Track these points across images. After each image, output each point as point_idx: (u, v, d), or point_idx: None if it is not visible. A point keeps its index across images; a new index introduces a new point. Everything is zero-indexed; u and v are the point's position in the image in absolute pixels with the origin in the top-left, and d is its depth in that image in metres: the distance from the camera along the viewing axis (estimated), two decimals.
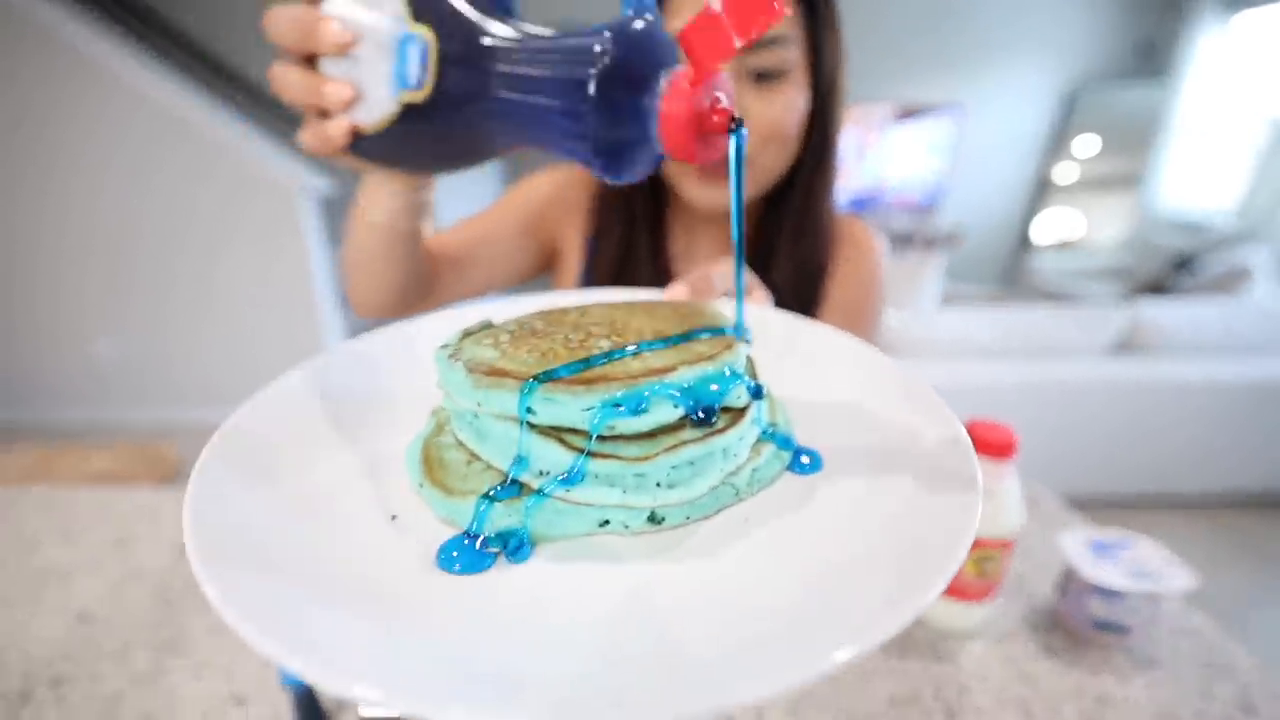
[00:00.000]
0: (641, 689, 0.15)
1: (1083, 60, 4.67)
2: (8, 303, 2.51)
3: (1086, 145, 4.65)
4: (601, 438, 0.21)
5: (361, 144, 0.30)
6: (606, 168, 0.24)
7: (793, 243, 0.59)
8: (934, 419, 0.24)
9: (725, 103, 0.23)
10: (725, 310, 0.31)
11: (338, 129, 0.30)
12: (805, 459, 0.25)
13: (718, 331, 0.26)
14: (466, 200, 4.04)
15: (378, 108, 0.28)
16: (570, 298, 0.34)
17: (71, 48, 2.19)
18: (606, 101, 0.22)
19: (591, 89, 0.22)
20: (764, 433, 0.25)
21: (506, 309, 0.32)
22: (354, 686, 0.13)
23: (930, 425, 0.23)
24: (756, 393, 0.25)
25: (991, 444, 0.43)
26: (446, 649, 0.16)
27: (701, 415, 0.22)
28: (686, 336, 0.25)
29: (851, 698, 0.42)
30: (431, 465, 0.23)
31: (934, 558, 0.17)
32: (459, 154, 0.30)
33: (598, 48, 0.22)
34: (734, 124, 0.23)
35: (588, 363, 0.22)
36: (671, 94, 0.23)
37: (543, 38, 0.25)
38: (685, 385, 0.22)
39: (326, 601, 0.17)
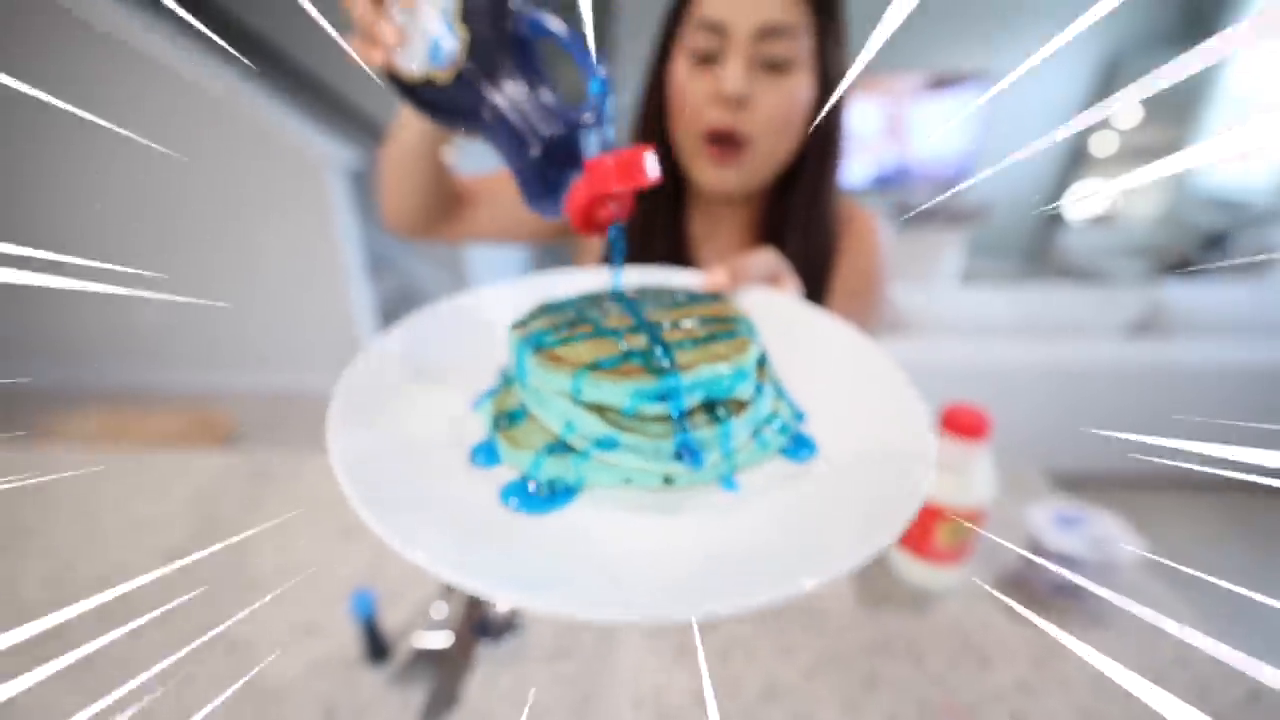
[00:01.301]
0: (683, 590, 0.22)
1: (1128, 25, 4.48)
2: (59, 269, 2.62)
3: (1128, 116, 4.49)
4: (632, 416, 0.28)
5: (395, 82, 0.36)
6: (530, 200, 0.32)
7: (802, 230, 0.64)
8: (907, 409, 0.30)
9: (615, 210, 0.33)
10: (755, 302, 0.38)
11: (377, 59, 0.35)
12: (804, 451, 0.30)
13: (731, 336, 0.31)
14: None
15: (413, 63, 0.34)
16: (623, 278, 0.39)
17: (116, 39, 2.26)
18: (539, 164, 0.31)
19: (533, 152, 0.31)
20: (767, 418, 0.30)
21: (566, 285, 0.40)
22: (477, 584, 0.20)
23: (903, 414, 0.30)
24: (760, 390, 0.30)
25: (966, 425, 0.49)
26: (521, 561, 0.23)
27: (711, 406, 0.29)
28: (710, 338, 0.31)
29: (833, 643, 0.49)
30: (501, 420, 0.30)
31: (889, 516, 0.23)
32: (461, 129, 0.36)
33: (546, 132, 0.31)
34: (615, 225, 0.33)
35: (627, 357, 0.28)
36: (579, 184, 0.31)
37: (531, 91, 0.32)
38: (702, 381, 0.28)
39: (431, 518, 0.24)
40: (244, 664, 0.47)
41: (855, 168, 4.68)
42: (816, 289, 0.65)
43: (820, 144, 0.60)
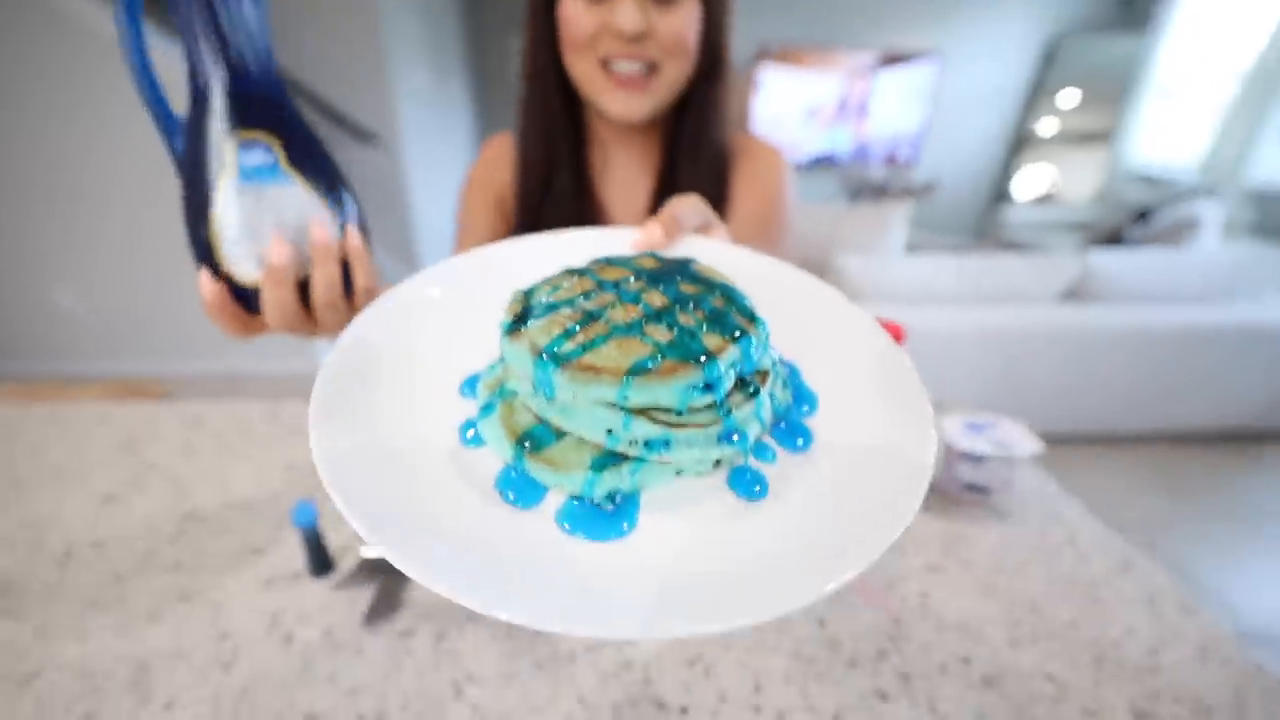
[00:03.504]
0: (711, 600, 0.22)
1: (1066, 9, 4.67)
2: None
3: (1068, 98, 4.71)
4: (681, 413, 0.27)
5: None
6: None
7: (691, 156, 0.67)
8: (889, 357, 0.32)
9: None
10: (695, 253, 0.37)
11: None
12: (799, 440, 0.30)
13: (735, 306, 0.31)
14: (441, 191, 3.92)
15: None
16: (575, 246, 0.38)
17: (79, 27, 2.12)
18: None
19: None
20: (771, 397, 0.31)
21: (513, 257, 0.38)
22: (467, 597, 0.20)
23: (888, 363, 0.32)
24: (775, 362, 0.31)
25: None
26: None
27: (747, 381, 0.29)
28: (720, 313, 0.30)
29: None
30: (525, 444, 0.28)
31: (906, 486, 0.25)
32: None
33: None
34: None
35: (662, 353, 0.27)
36: None
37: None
38: (734, 360, 0.28)
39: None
40: (189, 585, 0.47)
41: (811, 142, 4.78)
42: (718, 199, 0.68)
43: (706, 71, 0.64)
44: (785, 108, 4.73)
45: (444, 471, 0.27)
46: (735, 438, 0.28)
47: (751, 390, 0.29)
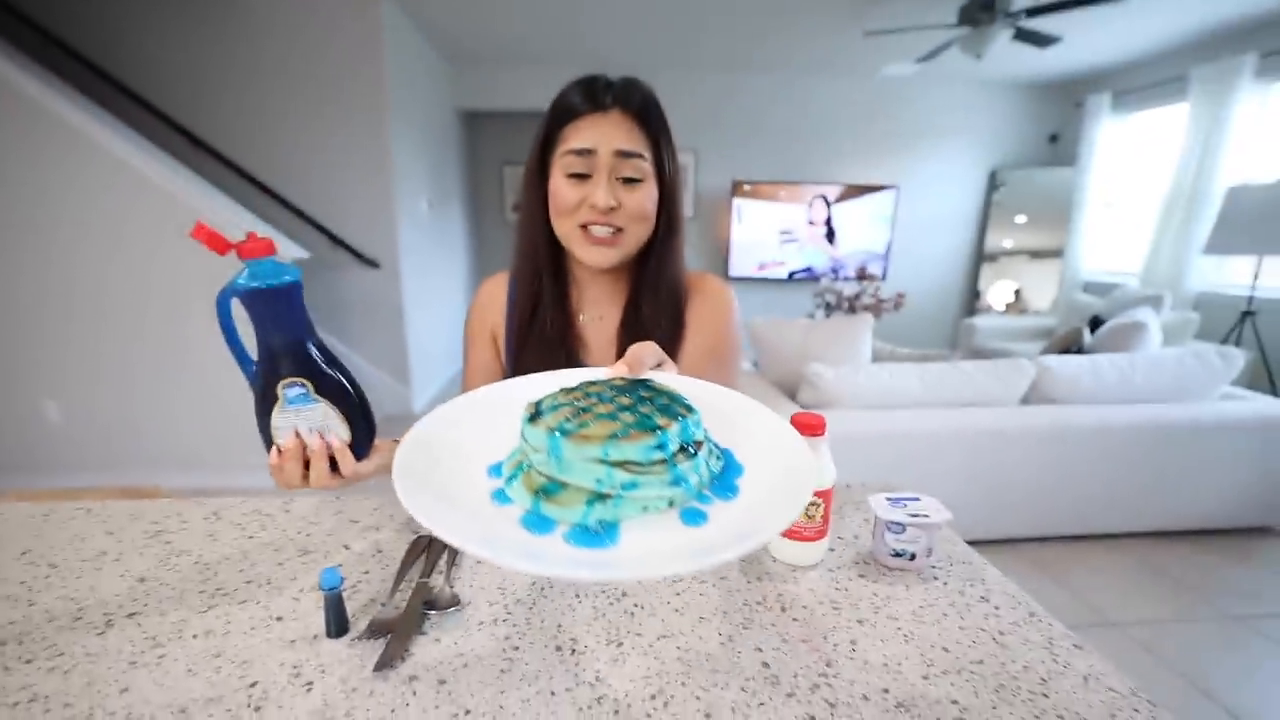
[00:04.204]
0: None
1: (1004, 147, 5.31)
2: None
3: (1018, 220, 5.31)
4: (644, 465, 0.42)
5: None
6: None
7: (652, 292, 0.86)
8: (789, 437, 0.49)
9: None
10: (660, 377, 0.55)
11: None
12: (730, 493, 0.45)
13: (680, 402, 0.48)
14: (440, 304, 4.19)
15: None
16: (567, 378, 0.56)
17: (54, 116, 2.37)
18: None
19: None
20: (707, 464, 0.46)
21: (542, 387, 0.54)
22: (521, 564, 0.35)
23: (787, 441, 0.49)
24: (706, 435, 0.48)
25: (810, 426, 0.64)
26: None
27: (688, 446, 0.45)
28: (669, 405, 0.47)
29: (719, 602, 0.60)
30: (540, 495, 0.43)
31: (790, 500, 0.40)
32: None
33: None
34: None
35: (630, 427, 0.43)
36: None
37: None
38: (677, 432, 0.44)
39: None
40: (220, 646, 0.54)
41: (789, 260, 5.24)
42: (675, 328, 0.87)
43: (665, 230, 0.84)
44: (759, 234, 5.20)
45: (483, 508, 0.44)
46: (680, 484, 0.43)
47: (692, 452, 0.44)
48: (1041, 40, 3.27)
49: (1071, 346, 3.25)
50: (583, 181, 0.78)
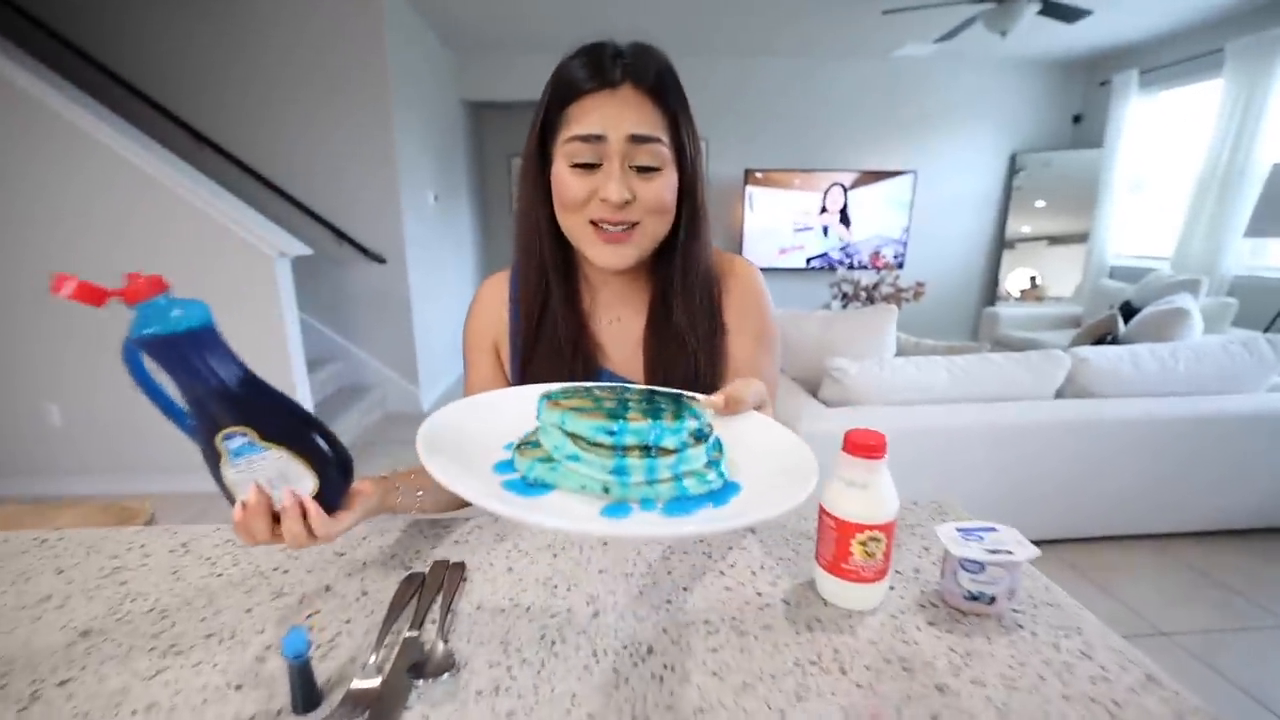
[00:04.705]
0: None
1: (1025, 130, 5.13)
2: None
3: (1039, 204, 5.13)
4: (592, 443, 0.45)
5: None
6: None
7: (683, 290, 0.75)
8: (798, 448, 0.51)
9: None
10: (753, 425, 0.56)
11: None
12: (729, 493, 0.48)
13: (678, 415, 0.48)
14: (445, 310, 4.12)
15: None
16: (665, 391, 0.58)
17: (51, 113, 2.30)
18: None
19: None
20: (695, 472, 0.47)
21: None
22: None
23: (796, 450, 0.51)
24: (683, 446, 0.47)
25: (868, 446, 0.53)
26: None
27: (647, 448, 0.45)
28: (659, 412, 0.48)
29: (764, 662, 0.50)
30: (522, 445, 0.50)
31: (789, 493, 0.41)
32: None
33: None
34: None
35: (598, 409, 0.47)
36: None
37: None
38: (636, 430, 0.45)
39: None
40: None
41: (804, 248, 5.10)
42: (713, 332, 0.77)
43: (688, 221, 0.73)
44: (773, 221, 5.06)
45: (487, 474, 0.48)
46: (619, 476, 0.45)
47: (652, 455, 0.46)
48: (1070, 14, 3.11)
49: (1105, 335, 3.10)
50: (591, 172, 0.67)
